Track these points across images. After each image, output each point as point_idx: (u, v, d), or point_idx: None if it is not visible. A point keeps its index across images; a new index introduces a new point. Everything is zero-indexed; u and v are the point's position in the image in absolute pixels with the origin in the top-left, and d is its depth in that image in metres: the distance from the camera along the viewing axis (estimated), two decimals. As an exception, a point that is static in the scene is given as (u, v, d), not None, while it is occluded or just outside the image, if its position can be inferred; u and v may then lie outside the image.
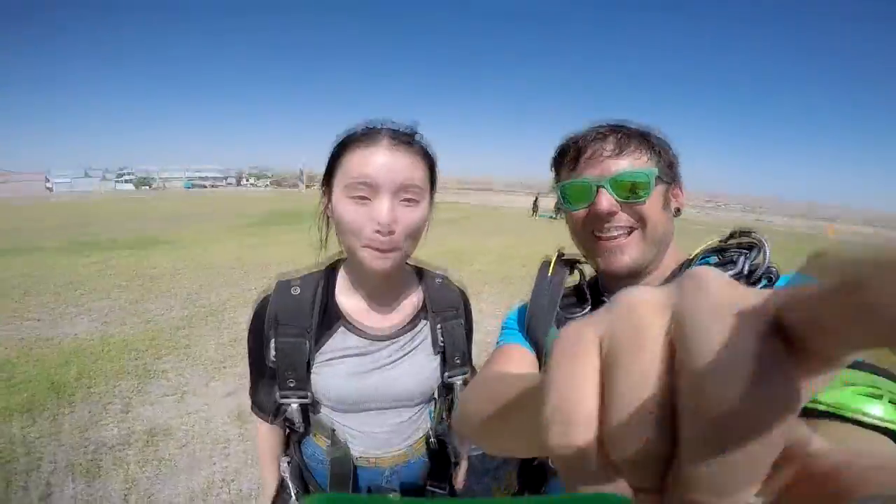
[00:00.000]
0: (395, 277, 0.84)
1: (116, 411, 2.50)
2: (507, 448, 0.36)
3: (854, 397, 0.30)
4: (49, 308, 4.28)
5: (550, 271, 0.69)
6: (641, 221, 0.59)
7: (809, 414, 0.31)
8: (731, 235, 0.60)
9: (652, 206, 0.59)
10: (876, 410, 0.30)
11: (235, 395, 2.71)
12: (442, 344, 0.86)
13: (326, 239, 0.81)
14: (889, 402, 0.29)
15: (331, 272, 0.85)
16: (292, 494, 0.89)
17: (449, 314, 0.88)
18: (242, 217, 14.92)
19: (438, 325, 0.86)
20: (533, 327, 0.66)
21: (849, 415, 0.30)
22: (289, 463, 0.91)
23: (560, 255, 0.72)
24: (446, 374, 0.88)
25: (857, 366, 0.32)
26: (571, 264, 0.71)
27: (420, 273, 0.91)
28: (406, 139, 0.71)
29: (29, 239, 8.57)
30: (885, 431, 0.30)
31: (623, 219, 0.59)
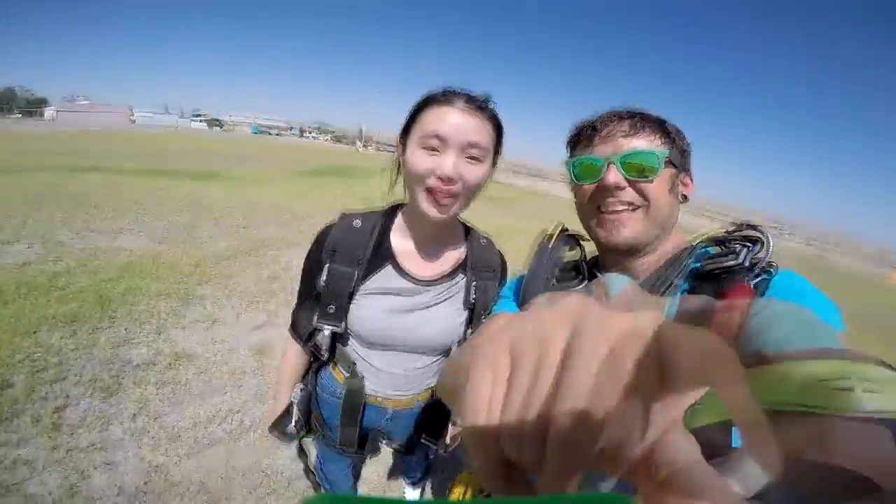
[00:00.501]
0: (445, 228, 0.86)
1: (150, 331, 2.52)
2: None
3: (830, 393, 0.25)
4: (111, 222, 4.51)
5: (551, 244, 0.68)
6: (646, 200, 0.59)
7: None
8: (739, 227, 0.59)
9: (658, 186, 0.59)
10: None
11: (261, 330, 2.63)
12: (473, 301, 0.88)
13: (394, 183, 0.86)
14: (863, 391, 0.23)
15: (390, 214, 0.90)
16: (292, 420, 0.97)
17: (486, 274, 0.91)
18: (300, 165, 15.31)
19: (474, 282, 0.89)
20: (527, 297, 0.65)
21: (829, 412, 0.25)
22: (301, 390, 0.98)
23: (563, 229, 0.71)
24: (470, 330, 0.89)
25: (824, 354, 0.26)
26: (574, 241, 0.70)
27: (468, 231, 0.95)
28: (479, 104, 0.75)
29: (110, 161, 9.24)
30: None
31: (628, 195, 0.59)
